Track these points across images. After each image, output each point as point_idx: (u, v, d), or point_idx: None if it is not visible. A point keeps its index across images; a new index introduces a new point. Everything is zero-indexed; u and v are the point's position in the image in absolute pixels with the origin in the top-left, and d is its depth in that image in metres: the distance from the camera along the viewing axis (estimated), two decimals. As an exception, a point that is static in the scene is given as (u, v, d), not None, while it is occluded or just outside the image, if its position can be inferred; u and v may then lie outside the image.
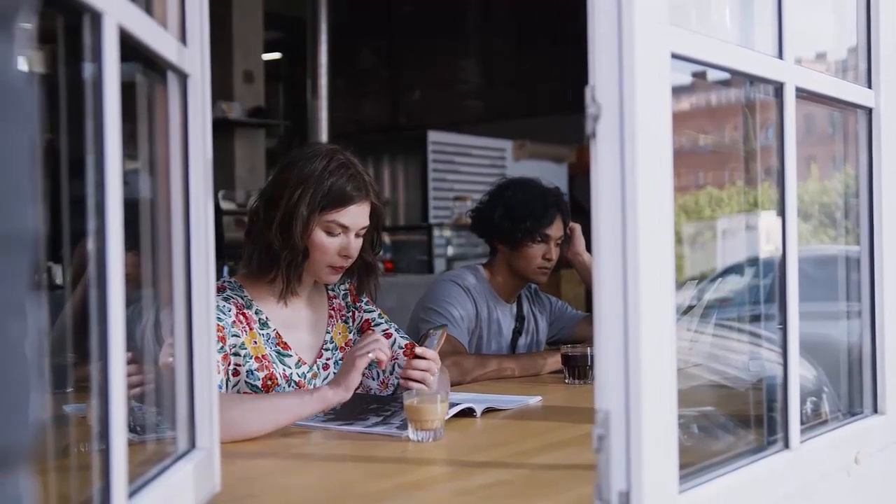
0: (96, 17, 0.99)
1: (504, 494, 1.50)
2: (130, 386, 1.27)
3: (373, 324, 2.41)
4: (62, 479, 1.19)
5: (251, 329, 2.18)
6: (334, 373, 2.29)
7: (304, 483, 1.63)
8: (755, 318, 1.98)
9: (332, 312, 2.37)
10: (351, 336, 2.38)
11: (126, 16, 1.06)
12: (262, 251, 2.19)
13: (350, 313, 2.41)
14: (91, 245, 1.01)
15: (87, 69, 1.02)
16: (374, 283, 2.38)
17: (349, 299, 2.42)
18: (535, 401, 2.34)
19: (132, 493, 1.09)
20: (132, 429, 1.22)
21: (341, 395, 1.96)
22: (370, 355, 1.99)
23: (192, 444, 1.36)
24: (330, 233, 2.19)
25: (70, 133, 1.05)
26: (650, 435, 1.16)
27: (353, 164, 2.22)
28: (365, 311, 2.42)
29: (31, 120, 0.59)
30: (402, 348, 2.35)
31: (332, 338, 2.34)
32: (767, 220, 1.90)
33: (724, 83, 1.74)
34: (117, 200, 1.02)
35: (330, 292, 2.40)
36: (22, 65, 0.59)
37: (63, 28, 1.05)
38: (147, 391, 1.46)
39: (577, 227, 3.10)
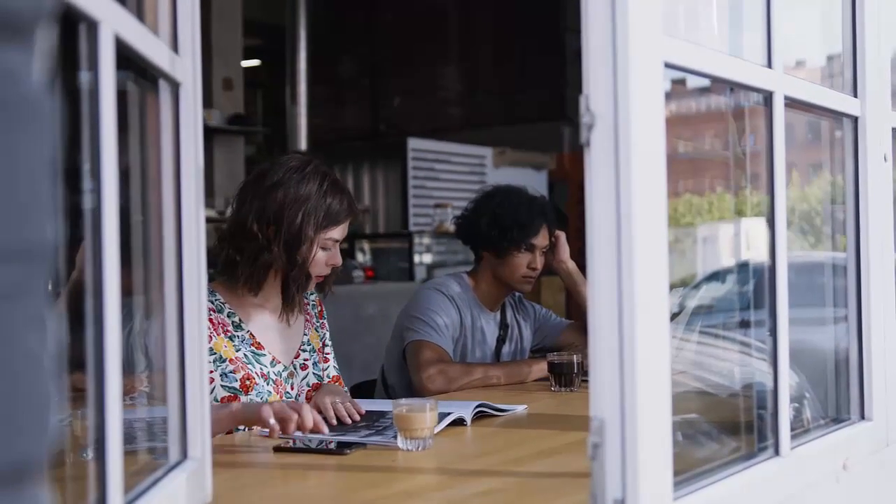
0: (92, 26, 0.99)
1: (497, 502, 1.50)
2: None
3: (325, 344, 2.50)
4: (53, 489, 1.17)
5: (220, 334, 2.23)
6: (313, 373, 2.39)
7: (295, 493, 1.62)
8: (739, 325, 1.99)
9: (308, 316, 2.45)
10: (321, 343, 2.47)
11: (121, 24, 1.05)
12: (261, 269, 2.25)
13: (320, 323, 2.50)
14: (87, 254, 1.00)
15: (83, 77, 1.01)
16: (332, 280, 2.43)
17: (316, 311, 2.50)
18: (521, 409, 2.34)
19: (127, 505, 1.08)
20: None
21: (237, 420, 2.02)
22: (272, 422, 1.90)
23: (184, 455, 1.35)
24: (324, 248, 2.28)
25: (63, 140, 1.04)
26: (645, 442, 1.16)
27: (339, 180, 2.33)
28: (326, 330, 2.52)
29: (51, 131, 0.59)
30: (329, 378, 2.43)
31: (308, 339, 2.42)
32: (748, 227, 1.92)
33: (703, 91, 1.75)
34: (113, 208, 1.01)
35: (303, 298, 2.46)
36: (41, 76, 0.59)
37: (57, 36, 1.04)
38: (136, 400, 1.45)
39: (562, 235, 3.10)
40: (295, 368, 2.36)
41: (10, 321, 0.53)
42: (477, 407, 2.18)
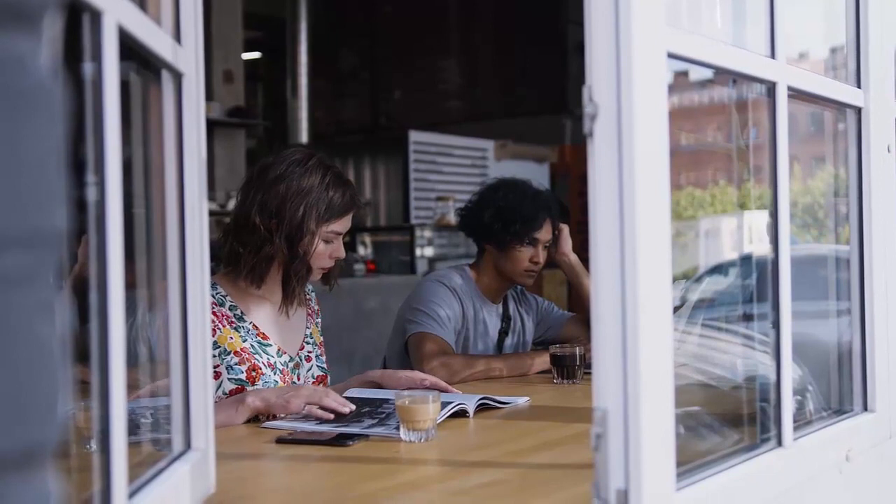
0: (96, 16, 0.98)
1: (500, 494, 1.50)
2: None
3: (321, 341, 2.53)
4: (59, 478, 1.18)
5: (225, 326, 2.24)
6: (317, 366, 2.42)
7: (298, 484, 1.62)
8: (742, 318, 1.99)
9: (310, 311, 2.48)
10: (320, 338, 2.49)
11: (125, 14, 1.05)
12: (263, 262, 2.26)
13: (319, 320, 2.53)
14: (91, 246, 1.00)
15: (86, 67, 1.01)
16: (337, 273, 2.44)
17: (317, 308, 2.53)
18: (524, 401, 2.34)
19: (131, 494, 1.08)
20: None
21: (257, 405, 2.06)
22: (303, 410, 2.06)
23: (188, 445, 1.35)
24: (326, 241, 2.29)
25: (67, 132, 1.04)
26: (648, 433, 1.16)
27: (341, 173, 2.34)
28: (320, 328, 2.54)
29: (60, 118, 0.59)
30: (314, 378, 2.43)
31: (310, 333, 2.45)
32: (751, 220, 1.91)
33: (706, 83, 1.75)
34: (117, 200, 1.01)
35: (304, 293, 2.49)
36: (49, 63, 0.59)
37: (61, 26, 1.04)
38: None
39: (565, 228, 3.10)
40: (300, 360, 2.38)
41: (19, 308, 0.54)
42: (480, 400, 2.18)
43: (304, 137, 8.86)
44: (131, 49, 1.15)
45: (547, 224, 3.00)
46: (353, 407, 2.07)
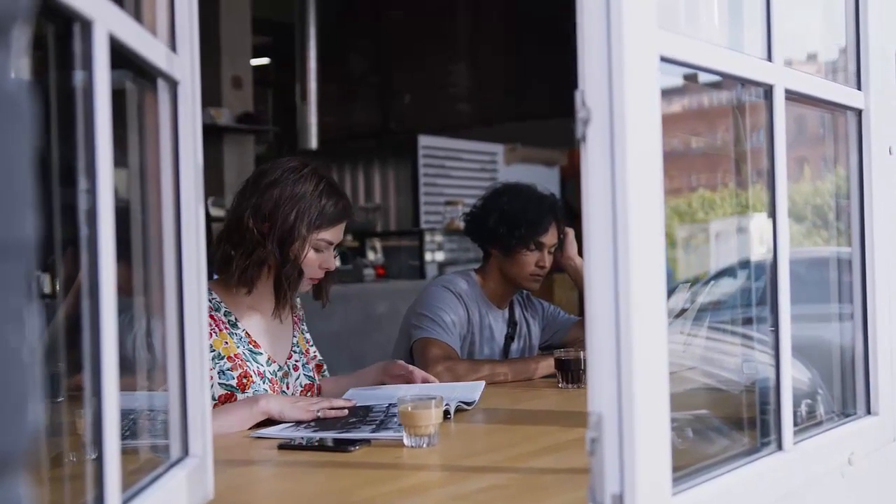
0: (87, 25, 0.99)
1: (499, 499, 1.50)
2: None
3: (310, 345, 2.55)
4: (54, 488, 1.18)
5: (221, 331, 2.27)
6: (304, 374, 2.44)
7: (298, 490, 1.62)
8: (748, 321, 1.99)
9: (296, 320, 2.50)
10: (307, 346, 2.52)
11: (116, 23, 1.06)
12: (256, 265, 2.28)
13: (304, 325, 2.55)
14: (83, 254, 1.00)
15: (78, 76, 1.01)
16: (330, 287, 2.45)
17: (301, 314, 2.55)
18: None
19: (127, 501, 1.08)
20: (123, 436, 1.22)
21: (269, 409, 2.10)
22: (317, 414, 2.13)
23: (186, 452, 1.36)
24: (317, 249, 2.32)
25: (59, 140, 1.05)
26: (643, 437, 1.16)
27: (336, 183, 2.38)
28: (307, 332, 2.56)
29: (29, 127, 0.59)
30: (301, 387, 2.44)
31: (297, 342, 2.47)
32: (759, 223, 1.91)
33: (715, 85, 1.74)
34: (109, 208, 1.02)
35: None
36: (19, 73, 0.59)
37: (53, 35, 1.05)
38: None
39: (571, 232, 3.09)
40: (288, 369, 2.40)
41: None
42: (457, 402, 2.23)
43: (313, 143, 8.85)
44: (126, 57, 1.15)
45: (552, 228, 2.99)
46: (356, 402, 2.18)
